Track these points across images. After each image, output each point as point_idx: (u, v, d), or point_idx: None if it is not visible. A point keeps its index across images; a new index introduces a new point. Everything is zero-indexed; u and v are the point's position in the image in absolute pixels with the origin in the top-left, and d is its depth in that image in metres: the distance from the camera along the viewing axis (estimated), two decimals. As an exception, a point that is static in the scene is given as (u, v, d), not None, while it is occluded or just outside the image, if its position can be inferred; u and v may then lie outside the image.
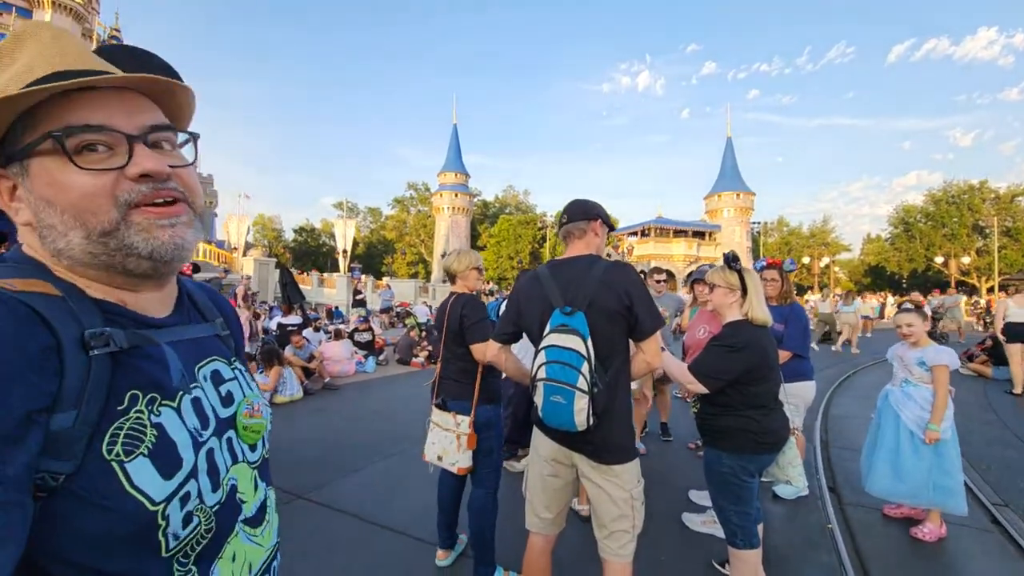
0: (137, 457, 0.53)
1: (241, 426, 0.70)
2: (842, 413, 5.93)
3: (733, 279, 2.14)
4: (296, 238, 62.97)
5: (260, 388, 5.01)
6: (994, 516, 3.19)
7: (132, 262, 0.58)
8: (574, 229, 1.85)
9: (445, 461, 2.35)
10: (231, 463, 0.66)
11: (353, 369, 8.21)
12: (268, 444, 0.78)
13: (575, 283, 1.69)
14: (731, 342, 2.07)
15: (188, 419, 0.61)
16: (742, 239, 43.98)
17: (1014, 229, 36.68)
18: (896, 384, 3.07)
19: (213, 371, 0.70)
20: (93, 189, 0.55)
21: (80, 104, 0.56)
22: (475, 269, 2.52)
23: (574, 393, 1.54)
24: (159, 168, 0.58)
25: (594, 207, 1.87)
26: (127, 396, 0.55)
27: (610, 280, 1.66)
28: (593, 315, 1.63)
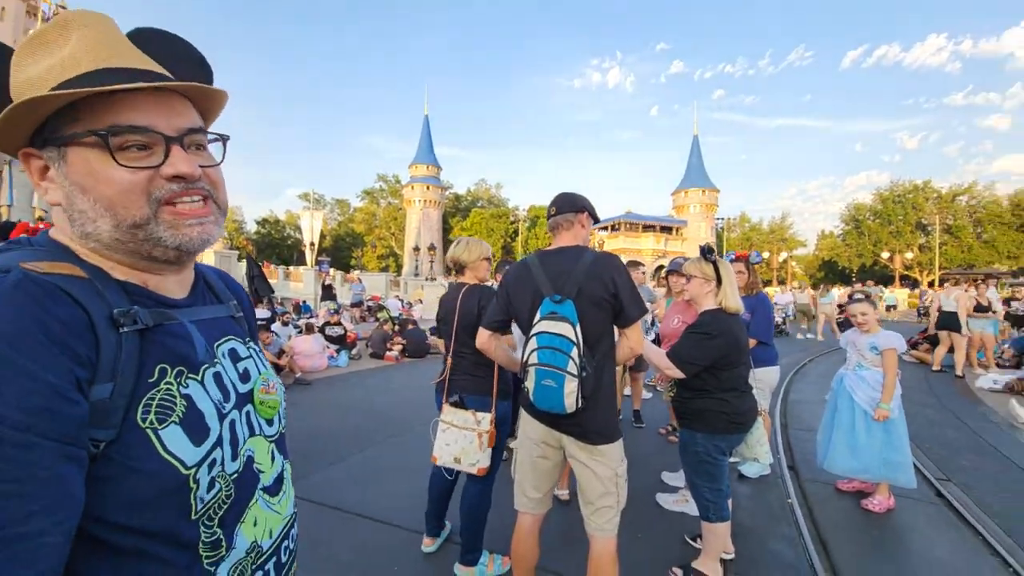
0: (169, 425, 0.57)
1: (258, 401, 0.74)
2: (799, 398, 6.30)
3: (709, 270, 2.27)
4: (259, 230, 60.63)
5: None
6: (938, 490, 3.49)
7: (159, 251, 0.62)
8: (562, 221, 1.91)
9: (464, 463, 2.22)
10: (248, 435, 0.70)
11: (325, 364, 8.05)
12: (284, 420, 0.82)
13: (564, 272, 1.76)
14: (707, 330, 2.20)
15: (212, 392, 0.65)
16: (707, 234, 45.46)
17: (954, 227, 39.40)
18: (850, 368, 3.30)
19: (230, 349, 0.74)
20: (130, 186, 0.59)
21: (124, 103, 0.58)
22: (485, 259, 2.49)
23: (564, 377, 1.61)
24: (192, 171, 0.62)
25: (581, 200, 1.94)
26: (156, 369, 0.59)
27: (597, 269, 1.74)
28: (581, 303, 1.70)
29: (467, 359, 2.35)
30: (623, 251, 40.12)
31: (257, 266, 9.27)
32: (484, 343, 1.97)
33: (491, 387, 2.28)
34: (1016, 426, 5.16)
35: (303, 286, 26.32)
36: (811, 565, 2.53)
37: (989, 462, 4.14)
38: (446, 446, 2.27)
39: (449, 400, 2.33)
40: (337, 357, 8.42)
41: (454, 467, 2.27)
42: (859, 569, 2.51)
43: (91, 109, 0.57)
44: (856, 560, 2.60)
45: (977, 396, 6.61)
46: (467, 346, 2.32)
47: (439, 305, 2.54)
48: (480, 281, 2.48)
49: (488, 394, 2.29)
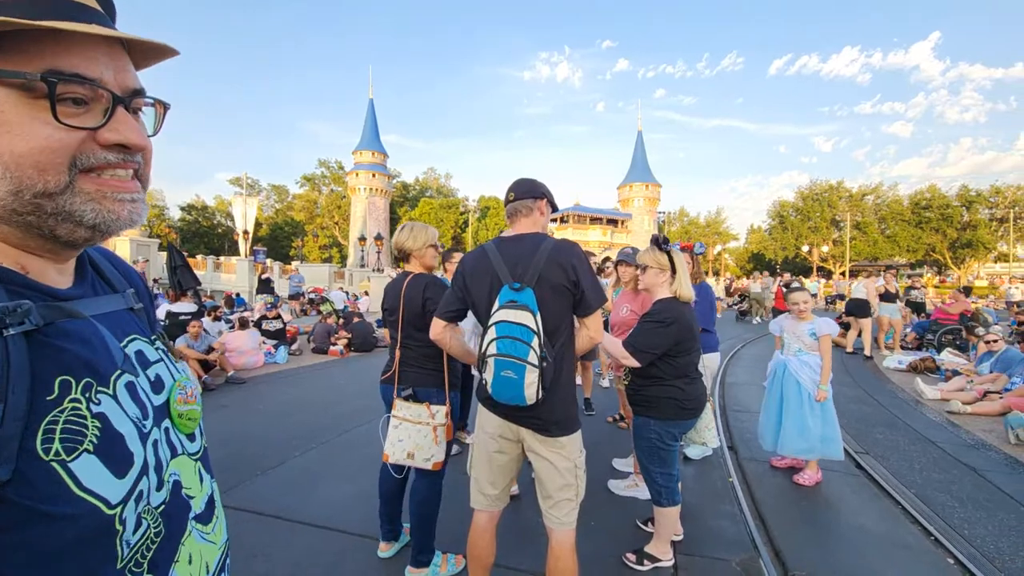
0: (81, 454, 0.45)
1: (176, 414, 0.61)
2: (734, 381, 6.70)
3: (664, 260, 2.30)
4: (184, 217, 55.64)
5: None
6: (858, 462, 3.81)
7: (65, 229, 0.49)
8: (521, 207, 1.83)
9: (418, 458, 2.14)
10: (170, 456, 0.58)
11: (262, 360, 7.52)
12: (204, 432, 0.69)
13: (524, 259, 1.69)
14: (662, 317, 2.22)
15: (128, 407, 0.52)
16: (650, 227, 47.41)
17: (862, 223, 43.75)
18: (790, 354, 3.48)
19: (137, 352, 0.59)
20: (58, 145, 0.46)
21: (69, 46, 0.46)
22: (432, 247, 2.37)
23: (525, 367, 1.55)
24: (140, 141, 0.51)
25: (541, 186, 1.88)
26: (56, 383, 0.46)
27: (558, 256, 1.68)
28: (541, 290, 1.64)
29: (415, 351, 2.24)
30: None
31: (180, 255, 8.43)
32: (438, 334, 1.86)
33: (443, 379, 2.19)
34: (921, 401, 5.79)
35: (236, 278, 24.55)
36: (752, 539, 2.66)
37: (900, 435, 4.60)
38: (399, 442, 2.17)
39: (401, 394, 2.22)
40: (275, 353, 7.90)
41: (407, 463, 2.17)
42: (795, 540, 2.68)
43: (17, 43, 0.44)
44: (792, 531, 2.77)
45: (885, 375, 7.37)
46: (414, 337, 2.22)
47: (384, 295, 2.40)
48: (427, 269, 2.37)
49: (440, 386, 2.20)
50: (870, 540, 2.72)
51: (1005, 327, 10.07)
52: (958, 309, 9.24)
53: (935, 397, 5.79)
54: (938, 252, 41.99)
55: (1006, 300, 18.07)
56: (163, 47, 0.54)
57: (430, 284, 2.23)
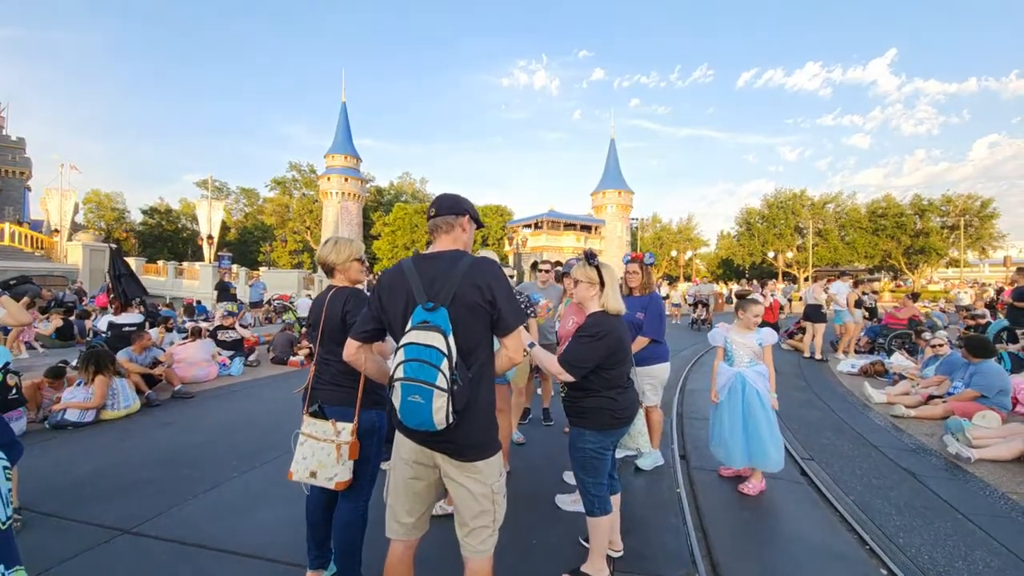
0: None
1: None
2: (694, 387, 6.79)
3: (593, 274, 2.31)
4: (146, 220, 53.39)
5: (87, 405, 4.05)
6: (802, 468, 3.88)
7: None
8: (442, 223, 1.78)
9: (320, 477, 2.07)
10: None
11: (214, 373, 7.21)
12: (7, 510, 0.61)
13: (440, 278, 1.64)
14: (593, 332, 2.23)
15: None
16: (623, 233, 48.14)
17: (824, 230, 45.59)
18: (742, 365, 3.49)
19: None
20: None
21: None
22: (356, 260, 2.33)
23: (432, 392, 1.48)
24: None
25: (464, 202, 1.83)
26: None
27: (474, 275, 1.64)
28: (456, 310, 1.59)
29: (332, 367, 2.18)
30: (545, 248, 41.12)
31: (123, 264, 7.99)
32: (351, 355, 1.78)
33: (355, 397, 2.12)
34: (869, 405, 5.98)
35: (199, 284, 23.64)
36: (691, 553, 2.65)
37: (845, 440, 4.72)
38: (303, 459, 2.10)
39: (308, 410, 2.15)
40: (230, 365, 7.58)
41: (310, 482, 2.09)
42: (734, 553, 2.68)
43: None
44: (732, 544, 2.78)
45: (837, 379, 7.61)
46: (333, 353, 2.15)
47: (310, 308, 2.32)
48: (352, 283, 2.32)
49: (351, 405, 2.13)
50: (807, 550, 2.74)
51: (955, 331, 10.60)
52: (907, 314, 9.64)
53: (881, 401, 6.00)
54: (894, 258, 44.08)
55: (955, 304, 19.04)
56: None
57: (351, 297, 2.18)
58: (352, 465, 2.10)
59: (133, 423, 5.06)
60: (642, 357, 3.58)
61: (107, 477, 3.61)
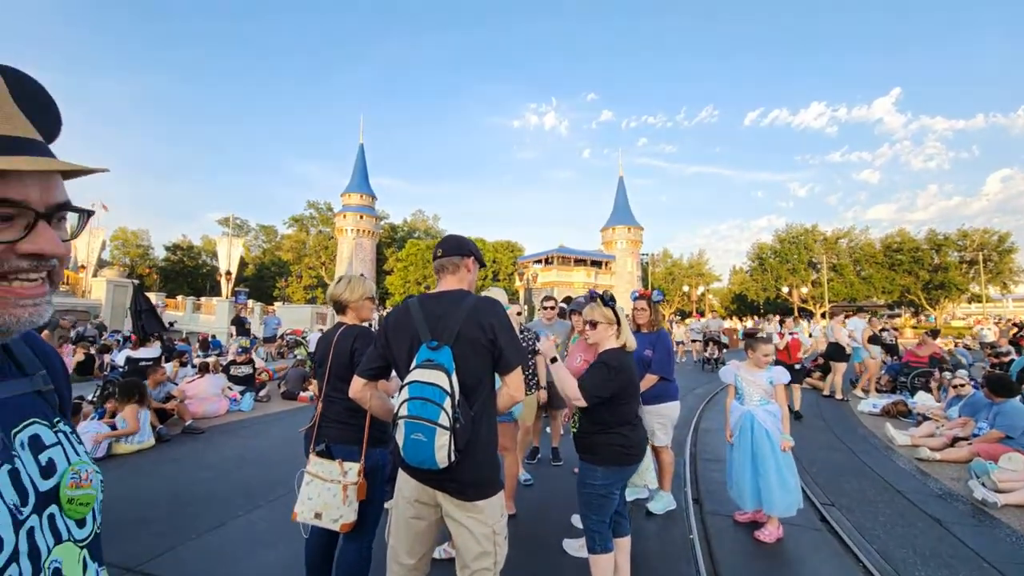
0: None
1: (65, 499, 0.62)
2: (708, 427, 6.61)
3: (610, 314, 2.41)
4: (168, 257, 55.16)
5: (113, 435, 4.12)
6: (823, 515, 3.72)
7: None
8: (447, 263, 1.87)
9: (325, 518, 2.05)
10: (54, 543, 0.60)
11: (224, 408, 7.25)
12: (100, 517, 0.69)
13: (444, 317, 1.70)
14: (613, 364, 2.30)
15: (6, 494, 0.55)
16: (633, 269, 48.21)
17: (839, 265, 45.11)
18: (753, 404, 3.42)
19: (32, 436, 0.63)
20: None
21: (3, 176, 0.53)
22: (369, 299, 2.40)
23: (435, 430, 1.52)
24: (55, 251, 0.57)
25: (468, 243, 1.93)
26: None
27: (477, 314, 1.70)
28: (459, 348, 1.64)
29: (338, 404, 2.20)
30: (556, 284, 41.23)
31: (145, 300, 8.27)
32: (358, 393, 1.82)
33: (362, 436, 2.13)
34: (891, 447, 5.75)
35: (215, 319, 24.04)
36: (706, 605, 2.53)
37: (868, 484, 4.52)
38: (308, 500, 2.09)
39: (315, 449, 2.16)
40: (240, 400, 7.63)
41: (315, 523, 2.08)
42: (749, 605, 2.56)
43: None
44: (747, 595, 2.65)
45: (858, 419, 7.34)
46: (339, 391, 2.18)
47: (316, 345, 2.39)
48: (362, 321, 2.38)
49: (358, 443, 2.13)
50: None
51: (980, 369, 10.23)
52: (927, 352, 9.36)
53: (905, 443, 5.76)
54: (912, 293, 43.17)
55: (979, 341, 18.43)
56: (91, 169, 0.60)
57: (360, 335, 2.23)
58: (358, 506, 2.09)
59: (143, 458, 5.08)
60: (651, 395, 3.54)
61: (116, 512, 3.61)
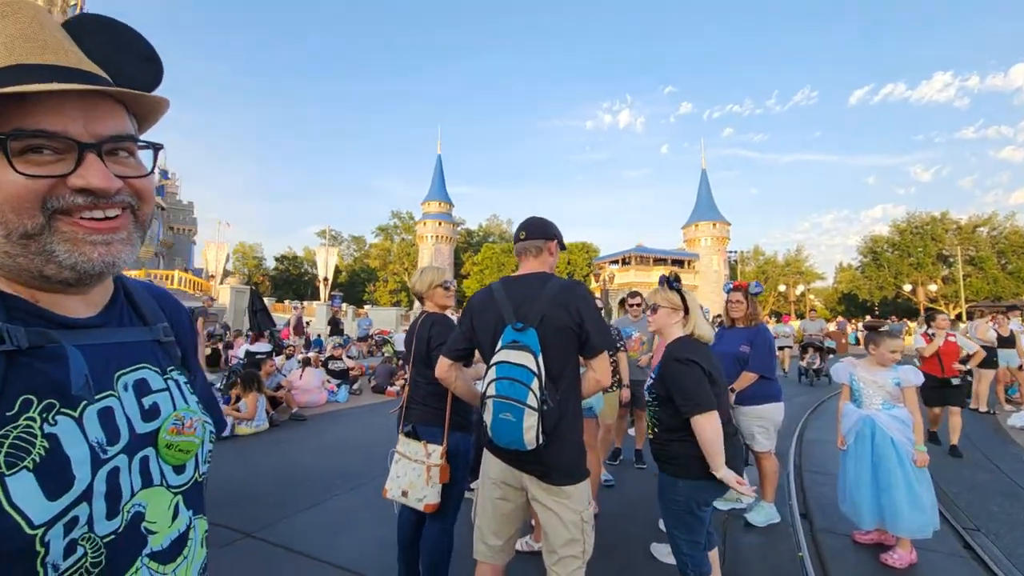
0: (20, 471, 0.47)
1: (164, 444, 0.62)
2: (815, 437, 5.92)
3: (675, 299, 2.15)
4: (277, 266, 62.13)
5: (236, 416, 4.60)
6: (966, 540, 3.14)
7: (52, 269, 0.54)
8: (531, 247, 1.85)
9: (411, 497, 2.16)
10: (140, 486, 0.59)
11: (324, 399, 7.93)
12: (203, 467, 0.70)
13: (528, 299, 1.69)
14: (684, 356, 2.00)
15: (91, 431, 0.54)
16: (720, 267, 44.98)
17: (978, 258, 38.26)
18: (874, 408, 2.98)
19: (138, 380, 0.63)
20: (24, 192, 0.52)
21: (39, 103, 0.52)
22: (439, 287, 2.47)
23: (523, 410, 1.50)
24: (105, 184, 0.55)
25: (551, 226, 1.89)
26: (19, 401, 0.50)
27: (562, 296, 1.67)
28: (544, 331, 1.61)
29: (421, 387, 2.29)
30: (633, 284, 39.83)
31: (260, 300, 9.37)
32: (444, 373, 1.86)
33: (444, 418, 2.18)
34: (1056, 470, 4.72)
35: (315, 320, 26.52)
36: (822, 631, 2.24)
37: (1021, 507, 3.74)
38: (396, 478, 2.20)
39: (403, 429, 2.27)
40: (337, 392, 8.30)
41: (401, 501, 2.17)
42: (878, 637, 2.21)
43: None
44: (875, 626, 2.30)
45: (1009, 435, 6.14)
46: (422, 375, 2.28)
47: (406, 333, 2.50)
48: (440, 309, 2.45)
49: (441, 425, 2.19)
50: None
51: None
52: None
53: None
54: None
55: None
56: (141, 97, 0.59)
57: (437, 322, 2.31)
58: (441, 488, 2.14)
59: (258, 440, 5.72)
60: (749, 395, 3.25)
61: (236, 485, 4.08)
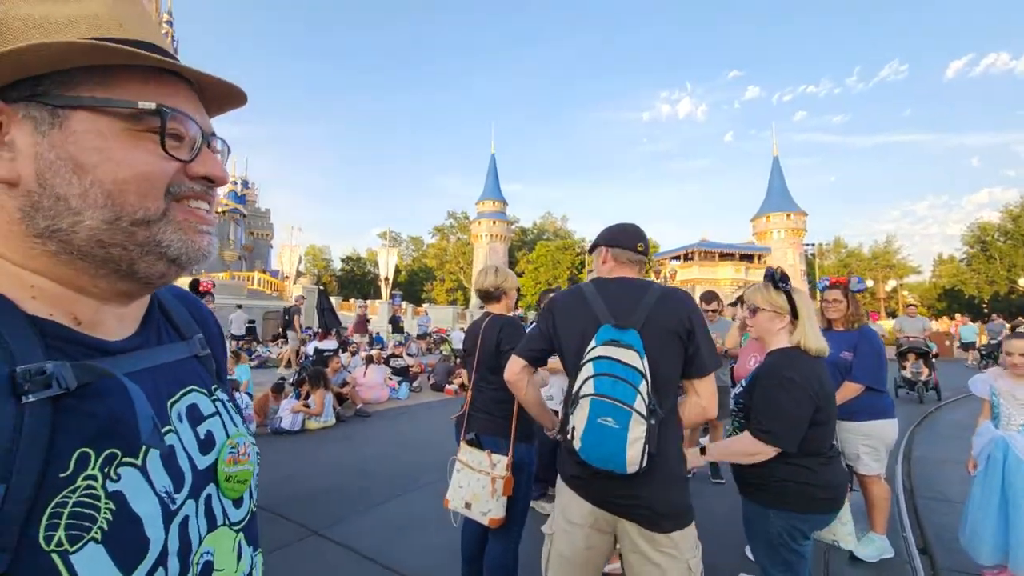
0: (87, 544, 0.39)
1: (223, 476, 0.55)
2: (928, 456, 5.15)
3: (780, 300, 1.80)
4: (343, 267, 65.84)
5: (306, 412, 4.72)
6: None
7: (148, 262, 0.48)
8: (623, 257, 1.62)
9: (474, 509, 2.04)
10: (206, 531, 0.52)
11: (386, 395, 8.14)
12: (256, 494, 0.61)
13: (628, 300, 1.46)
14: (786, 374, 1.69)
15: (157, 480, 0.46)
16: (795, 261, 41.63)
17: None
18: (1012, 428, 2.48)
19: (190, 406, 0.55)
20: (159, 173, 0.47)
21: (160, 87, 0.48)
22: (516, 289, 2.40)
23: (630, 415, 1.24)
24: (223, 175, 0.53)
25: (643, 238, 1.65)
26: (74, 457, 0.40)
27: (670, 301, 1.45)
28: (649, 335, 1.36)
29: (486, 394, 2.17)
30: (698, 281, 37.85)
31: (327, 299, 9.83)
32: (515, 375, 1.64)
33: (509, 427, 2.04)
34: None
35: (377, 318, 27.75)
36: None
37: None
38: (459, 488, 2.09)
39: (465, 437, 2.15)
40: (398, 389, 8.49)
41: (465, 513, 2.05)
42: None
43: (125, 80, 0.46)
44: None
45: None
46: (487, 380, 2.16)
47: (466, 334, 2.40)
48: (507, 311, 2.34)
49: (504, 435, 2.05)
50: None
51: None
52: None
53: None
54: None
55: None
56: (237, 92, 0.56)
57: (507, 325, 2.18)
58: (505, 501, 2.00)
59: (326, 435, 5.93)
60: (854, 410, 2.81)
61: (304, 479, 4.21)
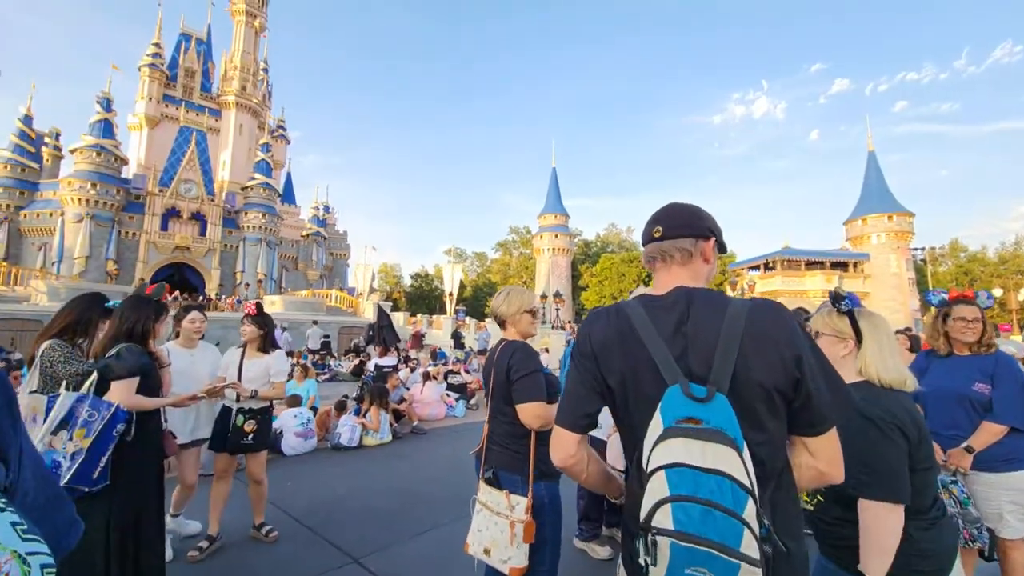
0: None
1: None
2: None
3: (841, 324, 1.52)
4: (412, 283, 69.00)
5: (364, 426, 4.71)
6: None
7: None
8: (674, 249, 1.11)
9: (494, 556, 1.85)
10: None
11: (443, 413, 8.12)
12: None
13: (698, 335, 0.98)
14: (878, 414, 1.36)
15: None
16: (901, 269, 36.77)
17: None
18: None
19: None
20: None
21: None
22: (528, 312, 2.16)
23: (738, 567, 0.78)
24: None
25: (706, 219, 1.14)
26: None
27: (762, 332, 0.96)
28: (739, 396, 0.92)
29: (501, 427, 1.99)
30: (781, 293, 34.68)
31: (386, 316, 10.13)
32: (572, 457, 1.12)
33: (525, 463, 1.85)
34: None
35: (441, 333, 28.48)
36: None
37: None
38: (478, 532, 1.91)
39: (484, 475, 1.97)
40: (455, 406, 8.45)
41: (484, 560, 1.86)
42: None
43: None
44: None
45: None
46: (502, 411, 1.99)
47: (484, 362, 2.24)
48: (524, 337, 2.14)
49: (522, 472, 1.86)
50: None
51: None
52: None
53: None
54: None
55: None
56: None
57: (519, 349, 2.00)
58: (527, 548, 1.80)
59: (381, 451, 5.97)
60: (995, 457, 2.21)
61: (355, 499, 4.19)
